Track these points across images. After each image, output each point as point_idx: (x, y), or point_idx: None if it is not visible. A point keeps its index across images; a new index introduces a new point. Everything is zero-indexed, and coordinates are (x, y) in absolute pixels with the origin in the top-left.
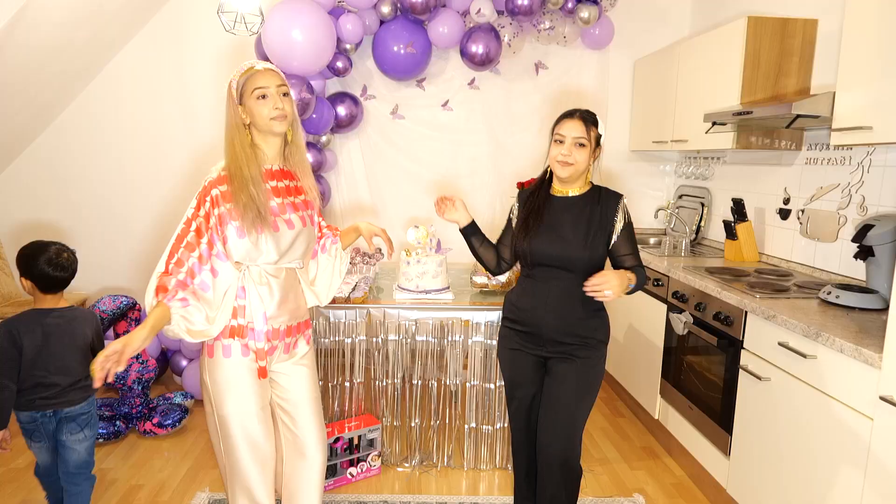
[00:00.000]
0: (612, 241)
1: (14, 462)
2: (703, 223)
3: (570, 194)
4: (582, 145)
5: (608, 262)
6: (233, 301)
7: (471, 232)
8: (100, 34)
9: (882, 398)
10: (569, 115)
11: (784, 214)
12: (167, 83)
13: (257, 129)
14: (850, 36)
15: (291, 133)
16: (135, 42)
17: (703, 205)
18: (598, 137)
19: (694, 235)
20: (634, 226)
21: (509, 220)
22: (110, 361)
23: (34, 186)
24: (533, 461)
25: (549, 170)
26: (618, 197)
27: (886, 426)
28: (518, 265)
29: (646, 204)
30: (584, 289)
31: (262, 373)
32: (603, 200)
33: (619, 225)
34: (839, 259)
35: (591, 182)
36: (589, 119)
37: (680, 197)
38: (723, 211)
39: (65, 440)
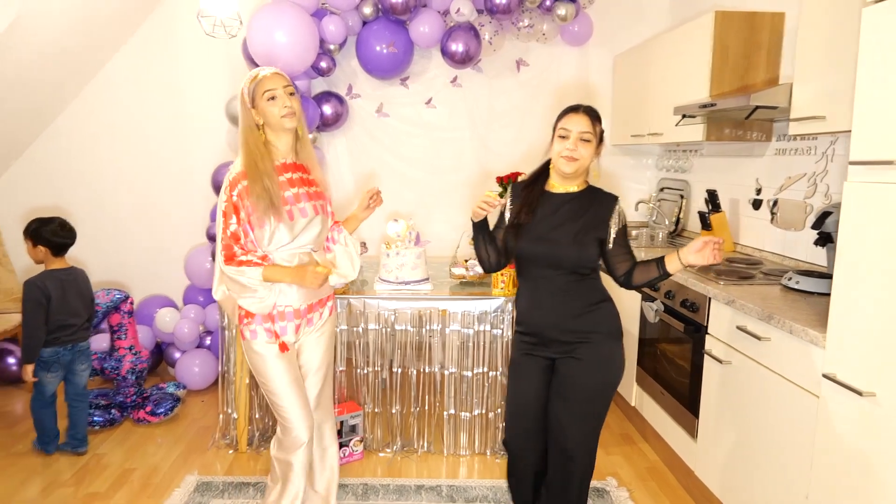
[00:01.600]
0: (609, 245)
1: (14, 447)
2: (682, 215)
3: (568, 191)
4: (587, 140)
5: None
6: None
7: (482, 228)
8: (93, 40)
9: (825, 376)
10: (573, 109)
11: (756, 204)
12: (159, 86)
13: (270, 128)
14: (805, 29)
15: (301, 129)
16: (127, 47)
17: (682, 197)
18: (601, 133)
19: (674, 227)
20: None
21: (501, 215)
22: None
23: (31, 187)
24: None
25: (546, 165)
26: (613, 199)
27: (830, 403)
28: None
29: (629, 197)
30: (703, 243)
31: (283, 347)
32: (598, 201)
33: (614, 228)
34: (806, 247)
35: (586, 182)
36: (594, 115)
37: (661, 190)
38: (701, 203)
39: (76, 369)
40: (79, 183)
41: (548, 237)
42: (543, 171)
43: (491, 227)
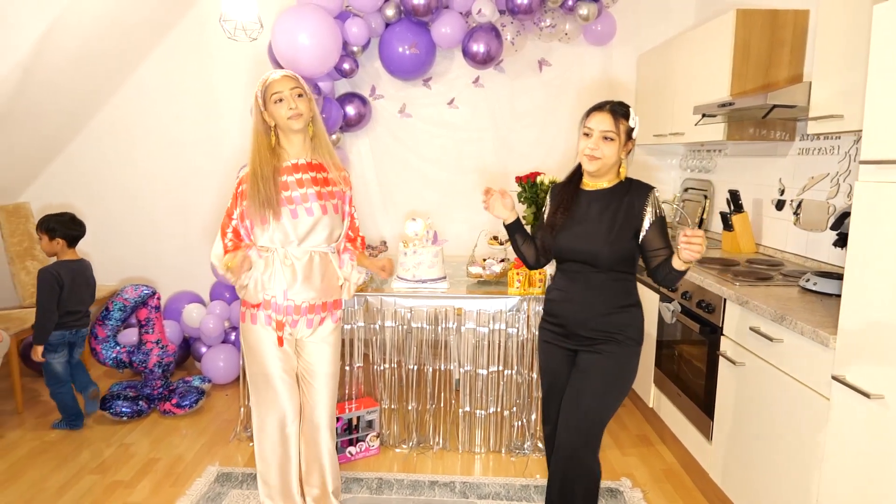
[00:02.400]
0: (642, 236)
1: (47, 436)
2: (705, 215)
3: (600, 188)
4: (609, 139)
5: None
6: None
7: (515, 228)
8: (125, 44)
9: (834, 378)
10: (598, 107)
11: (779, 205)
12: (188, 89)
13: (280, 129)
14: (822, 27)
15: (312, 129)
16: (157, 51)
17: (705, 197)
18: (630, 130)
19: (697, 228)
20: None
21: (542, 213)
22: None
23: (67, 186)
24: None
25: (580, 164)
26: (647, 189)
27: (839, 406)
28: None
29: None
30: (681, 238)
31: (280, 341)
32: (632, 193)
33: (648, 219)
34: (829, 248)
35: (618, 177)
36: (619, 111)
37: (685, 190)
38: (724, 203)
39: (74, 353)
40: (111, 182)
41: (582, 234)
42: (578, 171)
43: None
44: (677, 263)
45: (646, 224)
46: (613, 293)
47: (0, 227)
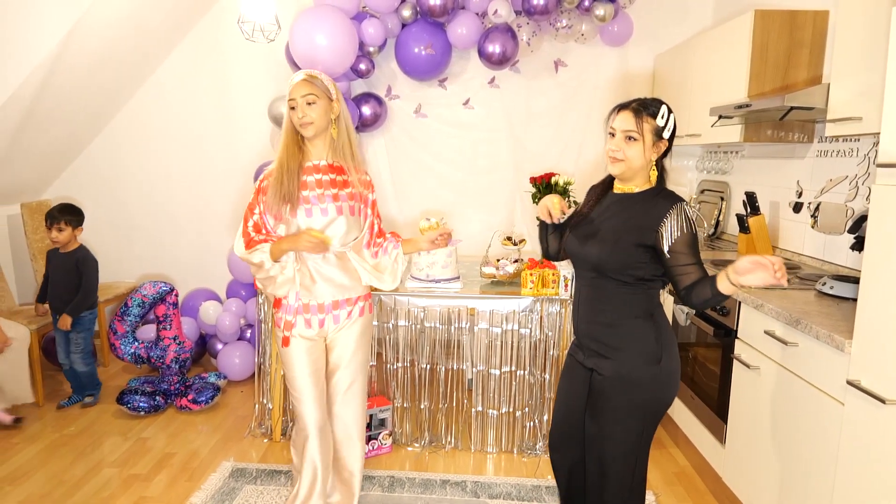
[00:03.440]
0: (666, 250)
1: (66, 429)
2: (721, 217)
3: (628, 192)
4: (633, 139)
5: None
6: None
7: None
8: (145, 46)
9: (849, 382)
10: (623, 105)
11: (797, 208)
12: (207, 89)
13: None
14: (841, 29)
15: (336, 132)
16: (177, 52)
17: (722, 199)
18: (659, 130)
19: (713, 230)
20: None
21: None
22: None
23: (88, 185)
24: (565, 489)
25: None
26: (673, 200)
27: (854, 411)
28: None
29: None
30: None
31: (285, 342)
32: (654, 201)
33: (669, 232)
34: (847, 252)
35: (650, 182)
36: (644, 110)
37: (702, 192)
38: (740, 205)
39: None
40: (131, 180)
41: (587, 236)
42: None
43: (505, 231)
44: (726, 287)
45: (666, 237)
46: (619, 303)
47: (23, 225)
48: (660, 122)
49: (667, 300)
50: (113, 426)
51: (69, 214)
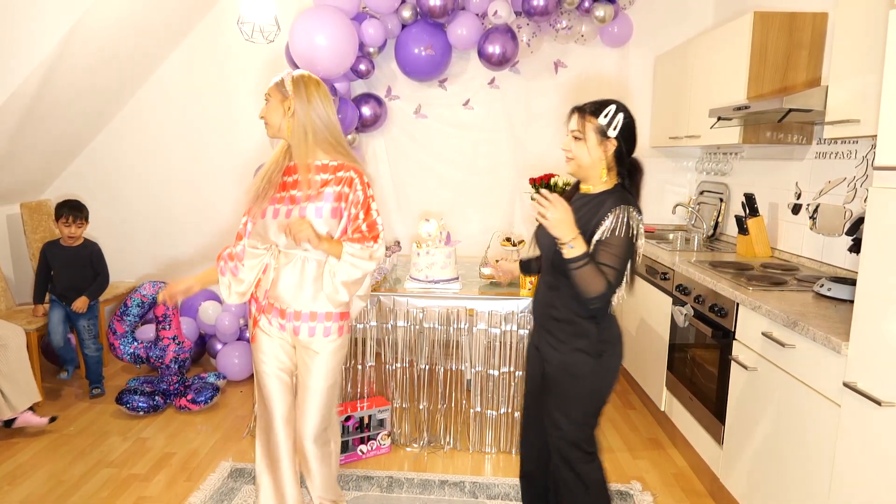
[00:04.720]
0: (593, 242)
1: (66, 429)
2: (720, 219)
3: (587, 192)
4: (577, 138)
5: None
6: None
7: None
8: (145, 46)
9: (846, 384)
10: (575, 107)
11: (795, 209)
12: (207, 89)
13: None
14: (841, 30)
15: (289, 133)
16: (177, 52)
17: (721, 200)
18: (602, 129)
19: (712, 231)
20: (656, 223)
21: None
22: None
23: (89, 183)
24: (527, 461)
25: None
26: (618, 202)
27: (850, 413)
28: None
29: (668, 200)
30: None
31: (252, 337)
32: (604, 202)
33: (601, 231)
34: (845, 253)
35: (616, 182)
36: (587, 109)
37: (701, 193)
38: (739, 206)
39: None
40: (131, 180)
41: (546, 233)
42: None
43: (508, 231)
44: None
45: (599, 231)
46: (569, 299)
47: (23, 224)
48: (602, 120)
49: (667, 300)
50: (112, 426)
51: (78, 210)
